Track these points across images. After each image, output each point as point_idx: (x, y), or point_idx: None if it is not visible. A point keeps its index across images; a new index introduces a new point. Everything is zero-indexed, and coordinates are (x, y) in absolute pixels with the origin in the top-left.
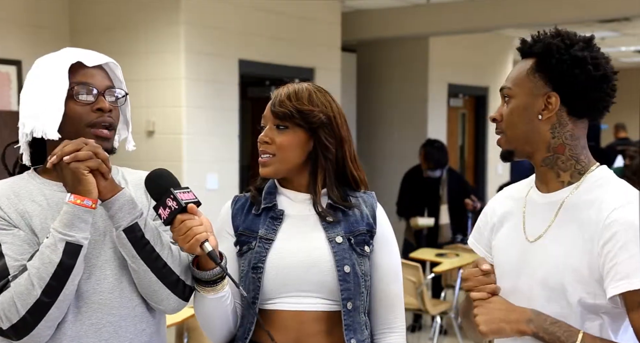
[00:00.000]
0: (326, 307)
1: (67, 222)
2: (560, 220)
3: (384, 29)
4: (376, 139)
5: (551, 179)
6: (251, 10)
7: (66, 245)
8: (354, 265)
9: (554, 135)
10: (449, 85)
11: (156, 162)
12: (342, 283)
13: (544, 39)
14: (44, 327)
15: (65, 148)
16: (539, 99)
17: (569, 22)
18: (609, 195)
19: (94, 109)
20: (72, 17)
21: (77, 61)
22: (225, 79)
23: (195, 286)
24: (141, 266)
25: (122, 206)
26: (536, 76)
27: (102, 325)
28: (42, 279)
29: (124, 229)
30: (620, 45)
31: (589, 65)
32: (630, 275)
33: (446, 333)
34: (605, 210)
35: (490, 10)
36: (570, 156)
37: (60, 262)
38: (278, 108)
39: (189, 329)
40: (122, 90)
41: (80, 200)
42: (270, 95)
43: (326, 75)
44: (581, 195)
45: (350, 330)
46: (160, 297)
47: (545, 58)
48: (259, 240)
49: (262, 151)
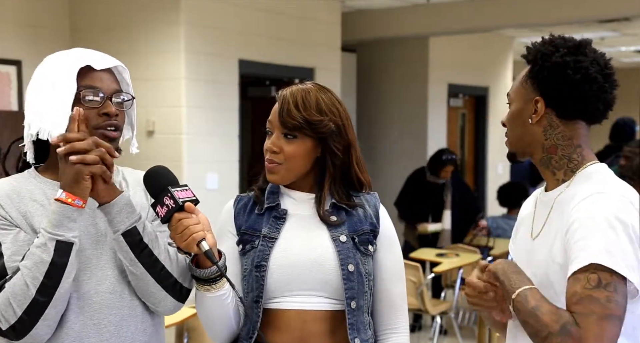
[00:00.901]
0: (330, 307)
1: (56, 222)
2: (551, 217)
3: (384, 29)
4: (376, 138)
5: (549, 178)
6: (251, 10)
7: (57, 243)
8: (358, 264)
9: (547, 137)
10: (449, 85)
11: (156, 162)
12: (346, 282)
13: (536, 46)
14: (43, 326)
15: (76, 145)
16: (529, 104)
17: (569, 22)
18: (586, 187)
19: (101, 113)
20: (72, 17)
21: (86, 65)
22: (225, 79)
23: (196, 284)
24: (139, 269)
25: (120, 210)
26: (528, 83)
27: (103, 325)
28: (36, 279)
29: (123, 233)
30: (620, 45)
31: (568, 69)
32: (576, 259)
33: (446, 333)
34: (575, 202)
35: (490, 10)
36: (563, 155)
37: (52, 261)
38: (287, 119)
39: (189, 329)
40: (129, 94)
41: (71, 199)
42: (274, 96)
43: (326, 75)
44: (569, 192)
45: (354, 330)
46: (158, 298)
47: (534, 65)
48: (263, 238)
49: (270, 159)
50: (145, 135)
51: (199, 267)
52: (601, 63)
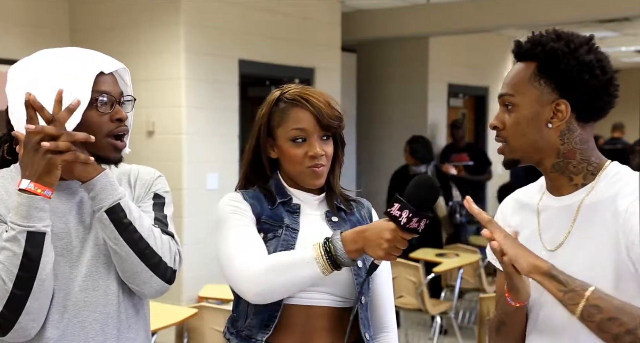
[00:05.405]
0: (334, 304)
1: (24, 214)
2: (580, 224)
3: (384, 29)
4: (376, 139)
5: (563, 184)
6: (251, 10)
7: (28, 235)
8: (364, 261)
9: (564, 142)
10: (449, 85)
11: (156, 162)
12: (357, 277)
13: (544, 42)
14: (27, 320)
15: (46, 129)
16: (547, 107)
17: (569, 22)
18: (625, 187)
19: (114, 118)
20: (72, 17)
21: (100, 71)
22: (225, 79)
23: (323, 264)
24: (123, 247)
25: (104, 187)
26: (541, 83)
27: (88, 323)
28: (11, 273)
29: (106, 210)
30: (620, 45)
31: (596, 69)
32: None
33: (446, 333)
34: (623, 203)
35: (490, 10)
36: (582, 159)
37: (26, 253)
38: (328, 121)
39: (189, 329)
40: (130, 95)
41: (41, 189)
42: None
43: (326, 75)
44: (599, 195)
45: (364, 325)
46: (143, 279)
47: (550, 63)
48: (286, 228)
49: (320, 164)
50: (145, 135)
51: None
52: (610, 61)
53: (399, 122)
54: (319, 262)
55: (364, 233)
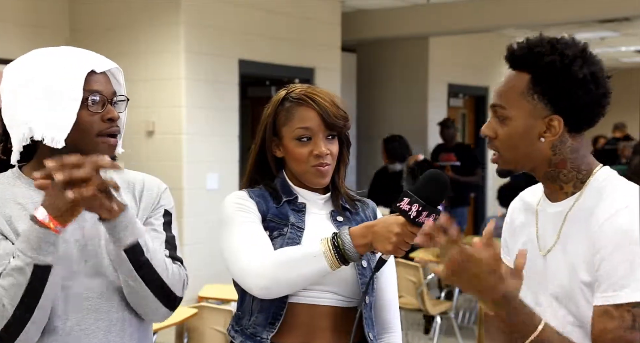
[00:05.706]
0: (339, 303)
1: (35, 245)
2: (566, 232)
3: (384, 29)
4: (376, 139)
5: (555, 191)
6: (251, 10)
7: (34, 267)
8: (369, 260)
9: (555, 153)
10: (449, 85)
11: (156, 162)
12: (361, 277)
13: (538, 54)
14: (25, 339)
15: (74, 173)
16: (539, 121)
17: (569, 22)
18: (606, 201)
19: (105, 118)
20: (72, 17)
21: (91, 69)
22: (225, 79)
23: (332, 260)
24: (138, 284)
25: (125, 227)
26: (535, 98)
27: (91, 330)
28: (13, 299)
29: (125, 249)
30: (620, 45)
31: (590, 84)
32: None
33: (446, 333)
34: (599, 219)
35: (490, 10)
36: (572, 168)
37: (30, 284)
38: (336, 120)
39: (189, 329)
40: (123, 95)
41: (54, 224)
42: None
43: (326, 75)
44: (582, 204)
45: (368, 325)
46: (151, 308)
47: (543, 77)
48: (291, 226)
49: (325, 163)
50: (145, 135)
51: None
52: (604, 69)
53: (399, 122)
54: (327, 257)
55: (372, 228)
